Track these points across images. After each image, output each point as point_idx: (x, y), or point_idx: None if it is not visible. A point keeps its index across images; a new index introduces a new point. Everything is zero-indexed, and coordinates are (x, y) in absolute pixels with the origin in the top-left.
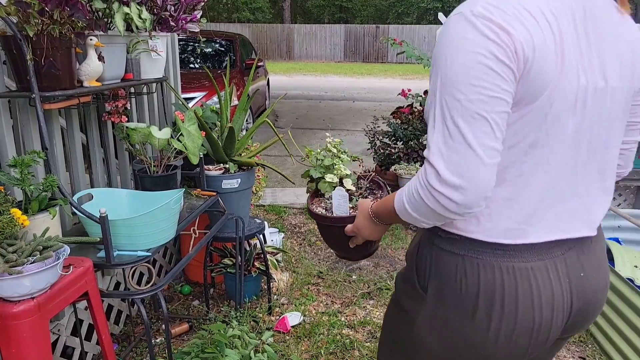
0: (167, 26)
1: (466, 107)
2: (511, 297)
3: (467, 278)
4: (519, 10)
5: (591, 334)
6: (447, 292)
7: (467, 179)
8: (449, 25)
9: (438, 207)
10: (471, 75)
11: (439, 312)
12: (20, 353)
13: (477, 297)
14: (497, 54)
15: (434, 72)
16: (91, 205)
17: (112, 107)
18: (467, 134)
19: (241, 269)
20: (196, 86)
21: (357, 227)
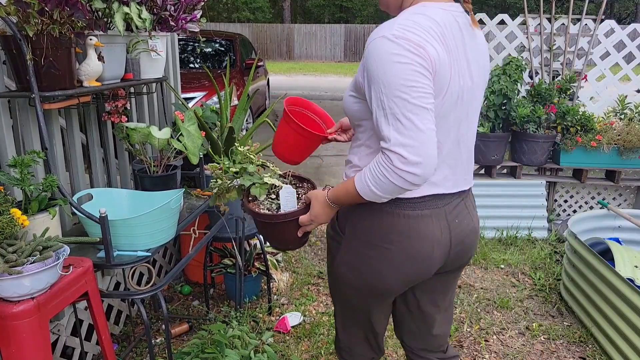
0: (167, 26)
1: (413, 104)
2: (403, 235)
3: (375, 221)
4: (423, 32)
5: (591, 334)
6: (360, 231)
7: (423, 156)
8: (377, 46)
9: (404, 183)
10: (409, 80)
11: (353, 246)
12: (20, 353)
13: (381, 234)
14: (422, 64)
15: (372, 84)
16: (91, 205)
17: (112, 107)
18: (417, 123)
19: (241, 269)
20: (196, 86)
21: (315, 215)
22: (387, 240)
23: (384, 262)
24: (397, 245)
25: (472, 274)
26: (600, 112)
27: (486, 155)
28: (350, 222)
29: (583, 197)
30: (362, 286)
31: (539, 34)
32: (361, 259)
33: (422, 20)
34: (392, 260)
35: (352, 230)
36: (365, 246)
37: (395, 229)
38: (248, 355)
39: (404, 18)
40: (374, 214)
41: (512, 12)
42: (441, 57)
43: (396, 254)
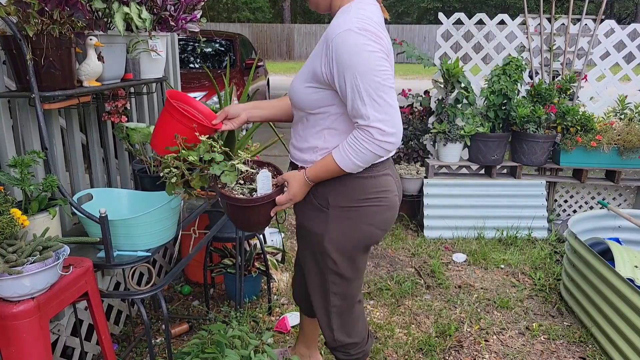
0: (167, 26)
1: (384, 85)
2: (378, 191)
3: (354, 187)
4: (375, 24)
5: (591, 334)
6: (343, 199)
7: (397, 127)
8: (345, 38)
9: (382, 152)
10: (378, 65)
11: (339, 215)
12: (20, 353)
13: (362, 195)
14: (384, 51)
15: (346, 72)
16: (91, 205)
17: (112, 107)
18: (389, 100)
19: (241, 269)
20: (196, 86)
21: (294, 194)
22: (368, 199)
23: (371, 217)
24: (376, 201)
25: (472, 274)
26: (600, 112)
27: (486, 155)
28: (332, 195)
29: (583, 197)
30: (356, 249)
31: (539, 34)
32: (350, 222)
33: (369, 14)
34: (376, 214)
35: (336, 200)
36: (352, 210)
37: (371, 189)
38: (248, 355)
39: (355, 14)
40: (351, 182)
41: (512, 12)
42: (389, 44)
43: (378, 208)
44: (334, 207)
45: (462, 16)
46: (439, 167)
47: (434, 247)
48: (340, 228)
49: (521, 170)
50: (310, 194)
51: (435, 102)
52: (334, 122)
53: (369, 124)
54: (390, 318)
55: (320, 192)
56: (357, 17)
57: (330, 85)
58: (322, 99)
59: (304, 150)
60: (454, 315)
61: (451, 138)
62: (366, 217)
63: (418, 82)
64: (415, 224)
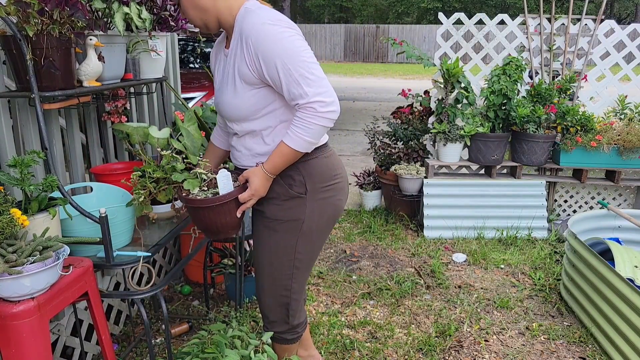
0: (167, 26)
1: (311, 61)
2: (337, 168)
3: (322, 168)
4: (279, 13)
5: (591, 334)
6: (318, 179)
7: (333, 95)
8: (265, 31)
9: (328, 122)
10: (300, 47)
11: (317, 197)
12: (20, 353)
13: (329, 174)
14: (300, 35)
15: (276, 60)
16: (88, 198)
17: (111, 107)
18: (319, 74)
19: (241, 269)
20: (196, 86)
21: (256, 189)
22: (334, 177)
23: (339, 193)
24: (339, 177)
25: (472, 274)
26: (600, 112)
27: (486, 155)
28: (309, 181)
29: (583, 197)
30: (329, 223)
31: (539, 34)
32: (325, 200)
33: (267, 7)
34: (342, 189)
35: (313, 184)
36: (325, 190)
37: (333, 167)
38: (248, 355)
39: (259, 12)
40: (318, 164)
41: (512, 12)
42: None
43: (342, 182)
44: (312, 191)
45: (462, 16)
46: (439, 167)
47: (434, 247)
48: (317, 208)
49: (521, 170)
50: (286, 185)
51: (435, 102)
52: (282, 115)
53: (308, 100)
54: (390, 318)
55: (297, 181)
56: (263, 12)
57: (262, 80)
58: (261, 99)
59: (269, 152)
60: (454, 315)
61: (451, 138)
62: (336, 192)
63: (418, 82)
64: (415, 224)
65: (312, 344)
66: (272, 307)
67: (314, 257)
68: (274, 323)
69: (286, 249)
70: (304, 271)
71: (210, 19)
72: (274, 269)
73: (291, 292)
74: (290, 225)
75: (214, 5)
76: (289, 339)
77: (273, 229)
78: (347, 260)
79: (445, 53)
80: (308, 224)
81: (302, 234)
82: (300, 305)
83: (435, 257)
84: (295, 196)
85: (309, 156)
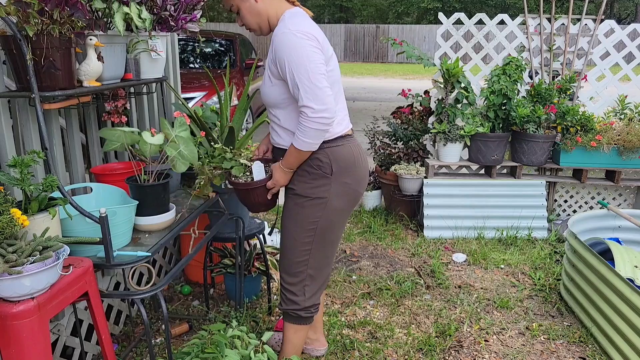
0: (167, 26)
1: (314, 71)
2: (361, 156)
3: (348, 152)
4: (311, 28)
5: (591, 334)
6: (342, 164)
7: (325, 104)
8: (285, 38)
9: (320, 126)
10: (309, 58)
11: (341, 178)
12: (20, 353)
13: (354, 159)
14: (317, 46)
15: (286, 64)
16: (88, 198)
17: (111, 107)
18: (317, 83)
19: (241, 269)
20: (196, 86)
21: (276, 180)
22: (357, 165)
23: (360, 182)
24: (361, 168)
25: (472, 274)
26: (600, 112)
27: (486, 155)
28: (334, 163)
29: (583, 197)
30: (348, 208)
31: (538, 34)
32: (347, 186)
33: (300, 21)
34: (362, 179)
35: (338, 167)
36: (348, 175)
37: (357, 156)
38: (248, 355)
39: (289, 21)
40: (344, 151)
41: (512, 12)
42: (323, 40)
43: (362, 173)
44: (337, 173)
45: (462, 16)
46: (439, 167)
47: (434, 247)
48: (340, 190)
49: (521, 170)
50: (314, 166)
51: (435, 102)
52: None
53: (302, 104)
54: (390, 318)
55: (324, 163)
56: (292, 21)
57: (282, 77)
58: (284, 91)
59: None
60: (454, 315)
61: (451, 138)
62: (357, 180)
63: (418, 82)
64: (415, 224)
65: (322, 330)
66: (291, 278)
67: (332, 240)
68: (292, 300)
69: (309, 223)
70: (321, 248)
71: (263, 22)
72: (295, 240)
73: (308, 267)
74: (316, 202)
75: (265, 10)
76: (304, 317)
77: (301, 205)
78: (347, 260)
79: (445, 53)
80: (332, 203)
81: (325, 212)
82: (316, 287)
83: (435, 257)
84: (322, 176)
85: (336, 142)
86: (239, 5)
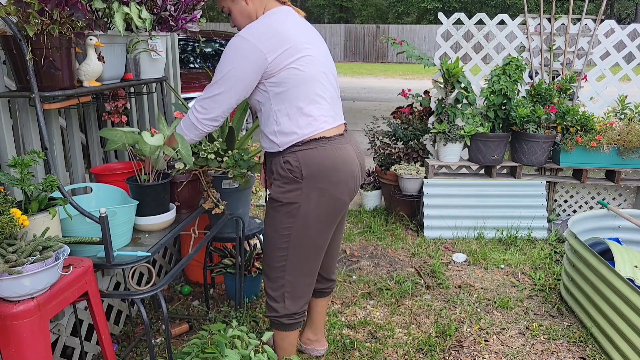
0: (167, 26)
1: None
2: (344, 160)
3: (321, 156)
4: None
5: (591, 334)
6: (314, 168)
7: (209, 114)
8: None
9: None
10: (229, 66)
11: (314, 183)
12: (20, 353)
13: (331, 163)
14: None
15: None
16: (88, 198)
17: (111, 107)
18: (215, 93)
19: (241, 269)
20: (196, 86)
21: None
22: (331, 169)
23: (337, 187)
24: (339, 172)
25: (472, 274)
26: (600, 112)
27: (486, 155)
28: (303, 167)
29: (583, 197)
30: (328, 214)
31: (539, 34)
32: (322, 191)
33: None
34: (339, 184)
35: (308, 172)
36: (321, 180)
37: (332, 160)
38: (248, 355)
39: (256, 21)
40: (314, 155)
41: (512, 12)
42: (287, 33)
43: (339, 178)
44: (308, 178)
45: (462, 16)
46: (439, 167)
47: (434, 247)
48: (314, 196)
49: (521, 170)
50: (287, 170)
51: (435, 102)
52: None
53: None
54: (390, 318)
55: (294, 167)
56: (252, 25)
57: None
58: (252, 95)
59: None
60: (454, 315)
61: (451, 138)
62: (333, 185)
63: (418, 82)
64: (415, 224)
65: (322, 330)
66: (271, 284)
67: (310, 245)
68: (272, 307)
69: (283, 229)
70: (298, 254)
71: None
72: (271, 245)
73: (285, 273)
74: (289, 207)
75: (255, 11)
76: (286, 324)
77: (276, 210)
78: (347, 260)
79: (445, 53)
80: (304, 209)
81: (299, 218)
82: (298, 293)
83: (435, 257)
84: (294, 180)
85: (306, 146)
86: (230, 7)
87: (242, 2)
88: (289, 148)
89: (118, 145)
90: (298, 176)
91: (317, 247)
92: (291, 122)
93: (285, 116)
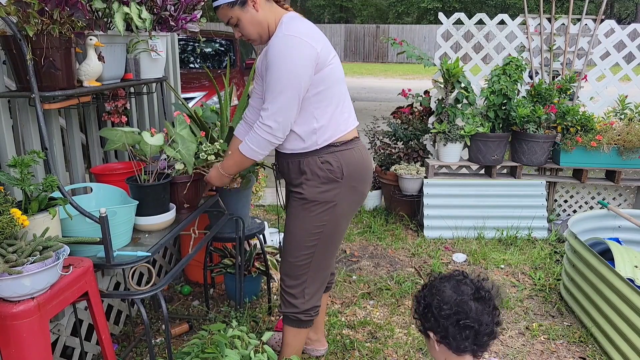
0: (167, 26)
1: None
2: (368, 158)
3: (358, 156)
4: (309, 29)
5: (591, 334)
6: (352, 167)
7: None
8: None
9: (272, 138)
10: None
11: (350, 182)
12: (20, 353)
13: (363, 162)
14: (310, 50)
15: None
16: (88, 198)
17: (111, 107)
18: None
19: (241, 269)
20: (196, 86)
21: (209, 177)
22: (364, 168)
23: (366, 184)
24: (368, 170)
25: (472, 274)
26: (600, 112)
27: (486, 155)
28: (345, 167)
29: (583, 197)
30: (352, 210)
31: (539, 34)
32: (355, 189)
33: (299, 20)
34: (368, 181)
35: (348, 171)
36: (356, 178)
37: (364, 160)
38: (248, 355)
39: (287, 24)
40: (353, 155)
41: (512, 12)
42: (319, 38)
43: (369, 175)
44: (347, 177)
45: (462, 16)
46: (439, 167)
47: (434, 247)
48: (349, 193)
49: (521, 170)
50: (326, 170)
51: (435, 102)
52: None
53: (264, 108)
54: (390, 318)
55: (335, 167)
56: (288, 26)
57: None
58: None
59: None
60: None
61: (451, 138)
62: (364, 182)
63: (418, 82)
64: (415, 224)
65: (322, 330)
66: (292, 281)
67: (337, 241)
68: (292, 303)
69: (315, 227)
70: (325, 251)
71: (264, 30)
72: (298, 244)
73: (309, 270)
74: (325, 207)
75: (265, 18)
76: (304, 320)
77: (309, 210)
78: (347, 260)
79: (446, 53)
80: (340, 207)
81: (333, 216)
82: (317, 287)
83: (435, 257)
84: (333, 180)
85: (344, 146)
86: (239, 17)
87: (252, 10)
88: (325, 148)
89: (118, 145)
90: (338, 176)
91: (339, 242)
92: (331, 121)
93: (326, 114)
